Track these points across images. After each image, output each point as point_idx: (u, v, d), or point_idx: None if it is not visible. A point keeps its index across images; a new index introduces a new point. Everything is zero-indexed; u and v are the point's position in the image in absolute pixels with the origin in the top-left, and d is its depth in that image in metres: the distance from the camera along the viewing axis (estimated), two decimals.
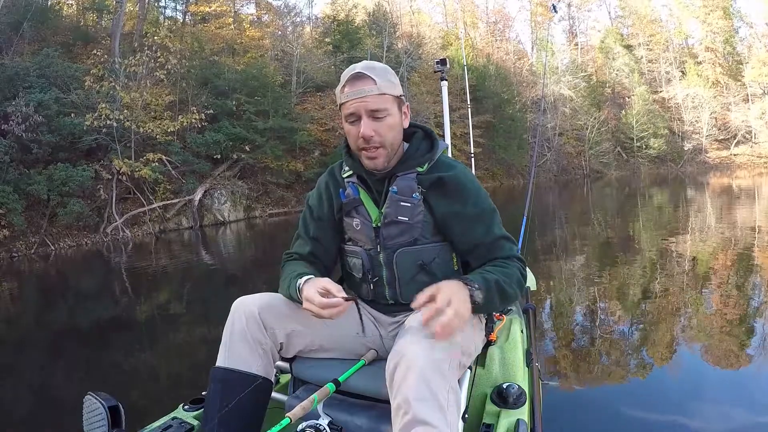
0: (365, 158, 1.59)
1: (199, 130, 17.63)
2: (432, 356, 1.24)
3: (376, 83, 1.51)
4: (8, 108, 13.11)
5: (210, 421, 1.46)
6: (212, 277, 8.89)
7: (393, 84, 1.57)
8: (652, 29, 48.85)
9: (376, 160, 1.58)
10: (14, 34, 17.62)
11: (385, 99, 1.54)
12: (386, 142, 1.56)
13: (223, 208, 17.55)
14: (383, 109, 1.53)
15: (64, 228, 14.00)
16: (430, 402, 1.19)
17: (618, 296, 5.66)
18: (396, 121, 1.58)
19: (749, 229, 9.65)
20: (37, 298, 8.65)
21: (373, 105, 1.52)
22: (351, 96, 1.53)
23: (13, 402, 3.88)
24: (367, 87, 1.51)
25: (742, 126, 41.80)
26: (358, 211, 1.67)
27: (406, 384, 1.22)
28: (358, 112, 1.53)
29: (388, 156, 1.59)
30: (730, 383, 3.35)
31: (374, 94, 1.51)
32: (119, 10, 20.85)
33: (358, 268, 1.72)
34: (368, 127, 1.52)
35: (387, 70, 1.59)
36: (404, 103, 1.63)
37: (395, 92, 1.57)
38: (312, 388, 1.64)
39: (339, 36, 26.82)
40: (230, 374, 1.51)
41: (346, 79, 1.55)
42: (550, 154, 36.51)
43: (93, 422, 1.45)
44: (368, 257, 1.68)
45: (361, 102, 1.51)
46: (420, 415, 1.18)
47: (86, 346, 5.27)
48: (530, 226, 3.97)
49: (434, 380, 1.22)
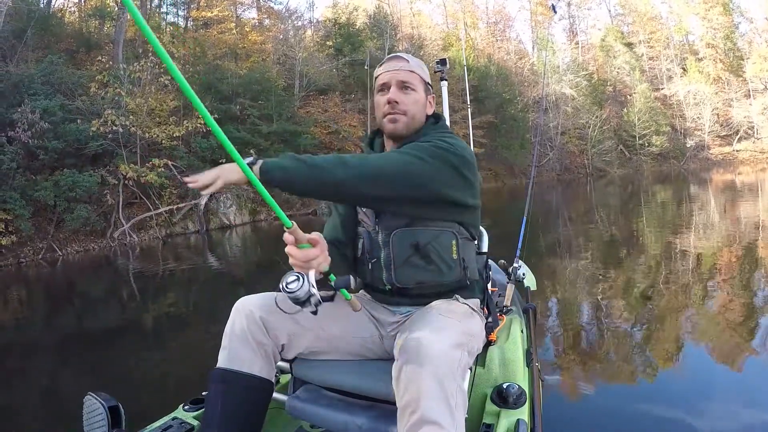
0: (387, 122, 1.71)
1: (203, 134, 17.71)
2: (444, 356, 1.25)
3: (409, 63, 1.71)
4: (14, 115, 13.16)
5: (210, 422, 1.47)
6: (219, 279, 8.95)
7: (424, 71, 1.75)
8: (653, 27, 48.76)
9: (397, 124, 1.69)
10: (18, 42, 17.67)
11: (415, 77, 1.71)
12: (409, 112, 1.69)
13: (229, 211, 17.60)
14: (411, 83, 1.70)
15: (71, 233, 14.06)
16: (441, 402, 1.19)
17: (620, 295, 5.64)
18: (421, 98, 1.73)
19: (753, 225, 9.65)
20: (46, 303, 8.72)
21: (404, 77, 1.69)
22: (386, 69, 1.72)
23: (23, 403, 3.93)
24: (401, 64, 1.71)
25: (744, 122, 41.69)
26: None
27: (416, 383, 1.21)
28: (390, 82, 1.70)
29: (408, 125, 1.70)
30: (735, 382, 3.33)
31: (406, 70, 1.70)
32: (122, 16, 20.93)
33: (360, 250, 1.75)
34: (395, 94, 1.68)
35: (421, 62, 1.78)
36: (431, 93, 1.80)
37: (424, 77, 1.75)
38: (312, 389, 1.68)
39: (340, 39, 26.86)
40: (231, 375, 1.51)
41: (385, 60, 1.76)
42: (552, 153, 36.46)
43: (93, 422, 1.46)
44: (369, 238, 1.71)
45: (394, 73, 1.69)
46: (429, 415, 1.18)
47: (94, 349, 5.29)
48: (533, 225, 4.01)
49: (446, 380, 1.22)
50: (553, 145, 36.95)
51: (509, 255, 3.39)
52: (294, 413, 1.67)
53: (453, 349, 1.29)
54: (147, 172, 15.38)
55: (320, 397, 1.65)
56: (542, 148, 35.34)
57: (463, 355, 1.34)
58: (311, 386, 1.70)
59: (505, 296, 2.61)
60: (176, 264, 11.27)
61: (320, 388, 1.69)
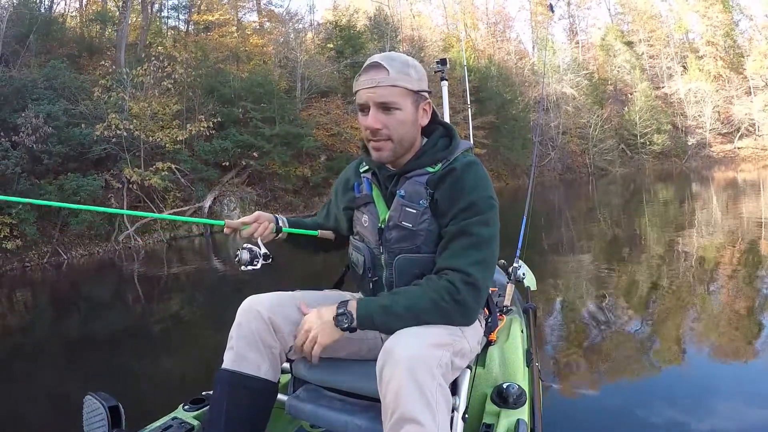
0: (372, 149, 1.55)
1: (206, 138, 17.75)
2: (419, 354, 1.24)
3: (389, 73, 1.46)
4: (18, 120, 13.21)
5: (215, 423, 1.46)
6: (223, 282, 9.01)
7: (409, 77, 1.49)
8: (652, 25, 48.61)
9: (381, 153, 1.53)
10: (20, 47, 17.75)
11: (397, 91, 1.47)
12: (394, 137, 1.50)
13: (233, 214, 17.64)
14: (393, 102, 1.47)
15: (75, 237, 14.13)
16: (419, 401, 1.19)
17: (621, 294, 5.65)
18: (408, 116, 1.51)
19: (756, 223, 9.66)
20: (51, 307, 8.77)
21: (382, 97, 1.46)
22: (363, 84, 1.49)
23: (26, 405, 3.98)
24: (379, 77, 1.46)
25: (746, 119, 41.52)
26: (368, 208, 1.65)
27: (393, 383, 1.21)
28: (367, 103, 1.48)
29: (395, 151, 1.54)
30: (736, 381, 3.32)
31: (385, 85, 1.45)
32: (123, 21, 21.00)
33: (359, 265, 1.70)
34: (374, 119, 1.48)
35: (408, 63, 1.52)
36: (424, 100, 1.56)
37: (411, 86, 1.49)
38: (312, 389, 1.69)
39: (341, 41, 26.85)
40: (237, 377, 1.49)
41: (363, 68, 1.51)
42: (554, 152, 36.43)
43: (93, 422, 1.46)
44: (371, 256, 1.64)
45: (371, 92, 1.47)
46: (408, 414, 1.18)
47: (99, 351, 5.32)
48: (534, 225, 4.02)
49: (421, 378, 1.21)
50: (555, 144, 36.93)
51: (509, 255, 3.43)
52: (294, 413, 1.67)
53: (432, 348, 1.29)
54: (151, 176, 15.45)
55: (320, 397, 1.65)
56: (544, 147, 35.33)
57: (445, 354, 1.32)
58: (311, 386, 1.70)
59: (505, 296, 2.61)
60: (181, 267, 11.34)
61: (320, 388, 1.68)
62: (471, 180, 1.49)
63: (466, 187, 1.48)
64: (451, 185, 1.49)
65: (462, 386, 1.54)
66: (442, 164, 1.54)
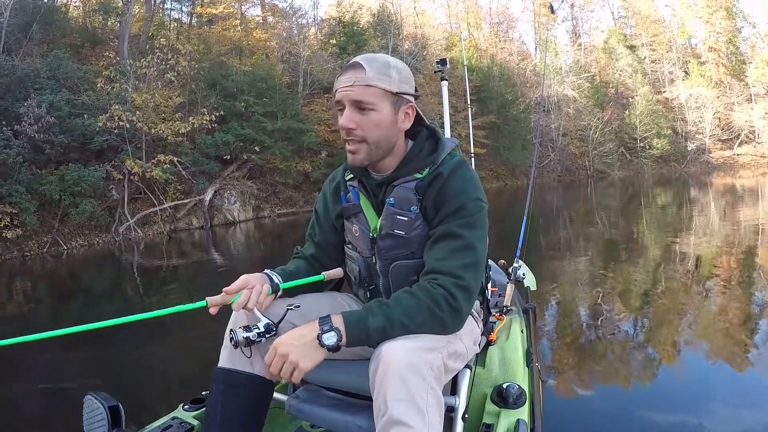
0: (347, 152, 1.51)
1: (208, 131, 17.78)
2: (410, 357, 1.23)
3: (366, 72, 1.42)
4: (20, 109, 13.26)
5: (212, 422, 1.45)
6: (223, 275, 9.04)
7: (389, 78, 1.44)
8: (655, 29, 48.62)
9: (356, 155, 1.49)
10: (23, 36, 17.76)
11: (373, 92, 1.42)
12: (369, 138, 1.46)
13: (233, 208, 17.72)
14: (368, 102, 1.42)
15: (76, 228, 14.18)
16: (407, 403, 1.18)
17: (620, 296, 5.68)
18: (384, 118, 1.45)
19: (753, 230, 9.70)
20: (50, 296, 8.82)
21: (357, 96, 1.42)
22: (340, 83, 1.46)
23: (26, 399, 3.98)
24: (357, 76, 1.42)
25: (746, 126, 41.54)
26: (357, 218, 1.62)
27: (384, 385, 1.20)
28: (343, 101, 1.45)
29: (370, 154, 1.49)
30: (734, 383, 3.35)
31: (361, 85, 1.41)
32: (127, 12, 20.99)
33: (355, 274, 1.68)
34: (348, 118, 1.44)
35: (389, 64, 1.47)
36: (406, 103, 1.50)
37: (389, 87, 1.44)
38: (312, 389, 1.69)
39: (344, 38, 26.87)
40: (232, 375, 1.48)
41: (343, 68, 1.49)
42: (554, 154, 36.45)
43: (93, 422, 1.45)
44: (365, 265, 1.63)
45: (346, 91, 1.43)
46: (397, 416, 1.16)
47: (96, 343, 5.24)
48: (533, 226, 4.04)
49: (411, 381, 1.19)
50: (555, 146, 36.95)
51: (509, 255, 3.46)
52: (294, 413, 1.66)
53: (422, 351, 1.26)
54: (152, 168, 15.49)
55: (320, 397, 1.65)
56: (544, 149, 35.36)
57: (437, 357, 1.30)
58: (311, 386, 1.69)
59: (505, 296, 2.62)
60: (180, 259, 11.38)
61: (320, 388, 1.68)
62: (458, 183, 1.47)
63: (453, 190, 1.46)
64: (439, 190, 1.47)
65: (462, 386, 1.54)
66: (429, 169, 1.52)
